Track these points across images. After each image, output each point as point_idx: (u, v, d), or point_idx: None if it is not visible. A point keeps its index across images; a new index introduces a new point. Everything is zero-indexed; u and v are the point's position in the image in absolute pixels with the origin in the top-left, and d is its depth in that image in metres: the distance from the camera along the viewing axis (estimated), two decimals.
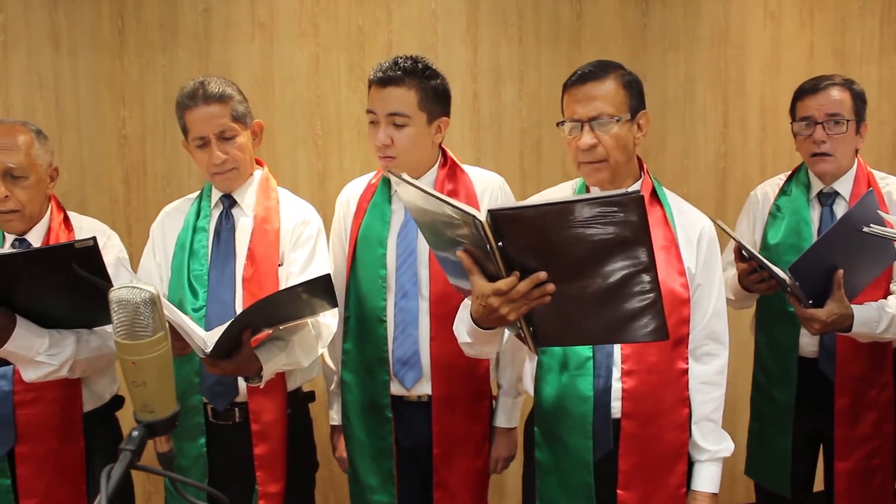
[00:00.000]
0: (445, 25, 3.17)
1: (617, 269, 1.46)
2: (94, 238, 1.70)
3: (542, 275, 1.48)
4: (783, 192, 2.45)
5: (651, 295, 1.49)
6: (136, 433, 1.27)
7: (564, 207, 1.40)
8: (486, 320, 1.59)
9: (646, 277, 1.47)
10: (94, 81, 3.08)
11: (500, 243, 1.46)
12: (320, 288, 1.81)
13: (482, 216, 1.43)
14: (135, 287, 1.21)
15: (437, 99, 2.11)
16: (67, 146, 3.07)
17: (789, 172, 2.49)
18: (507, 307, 1.52)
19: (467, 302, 1.71)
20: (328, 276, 1.79)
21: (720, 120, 3.34)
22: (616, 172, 1.89)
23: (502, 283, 1.50)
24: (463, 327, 1.77)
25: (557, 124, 1.92)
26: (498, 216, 1.43)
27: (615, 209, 1.38)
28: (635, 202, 1.37)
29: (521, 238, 1.46)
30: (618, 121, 1.83)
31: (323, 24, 3.12)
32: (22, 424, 2.01)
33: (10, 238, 2.10)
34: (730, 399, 1.99)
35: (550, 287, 1.49)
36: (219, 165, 2.08)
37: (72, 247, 1.70)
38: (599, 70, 1.85)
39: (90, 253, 1.70)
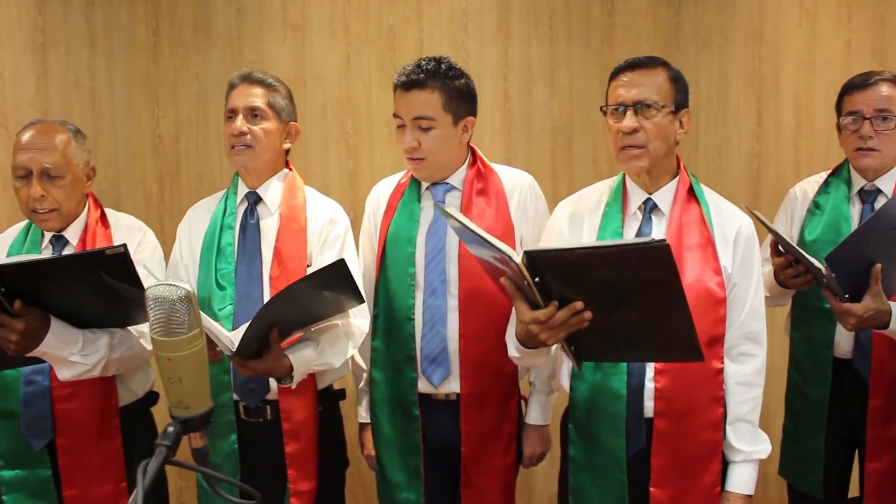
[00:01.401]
0: (476, 24, 3.17)
1: (650, 302, 1.53)
2: (124, 245, 1.72)
3: (579, 304, 1.56)
4: (823, 189, 2.41)
5: (684, 326, 1.56)
6: (171, 429, 1.29)
7: (594, 253, 1.49)
8: (529, 342, 1.68)
9: (677, 312, 1.54)
10: (129, 82, 3.13)
11: (536, 279, 1.55)
12: (337, 276, 1.80)
13: (518, 258, 1.52)
14: (171, 284, 1.23)
15: (462, 99, 2.11)
16: (103, 145, 3.12)
17: (829, 171, 2.45)
18: (546, 334, 1.61)
19: (515, 318, 1.76)
20: (342, 261, 1.77)
21: (754, 119, 3.29)
22: (655, 164, 1.88)
23: (541, 314, 1.59)
24: (511, 342, 1.82)
25: (601, 108, 1.93)
26: (533, 257, 1.52)
27: (643, 257, 1.45)
28: (662, 251, 1.44)
29: (556, 275, 1.55)
30: (662, 107, 1.84)
31: (354, 23, 3.13)
32: (60, 419, 2.05)
33: (48, 235, 2.13)
34: (765, 400, 1.97)
35: (587, 315, 1.57)
36: (236, 137, 2.09)
37: (103, 253, 1.73)
38: (649, 60, 1.89)
39: (121, 259, 1.73)
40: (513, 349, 1.82)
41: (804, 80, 3.27)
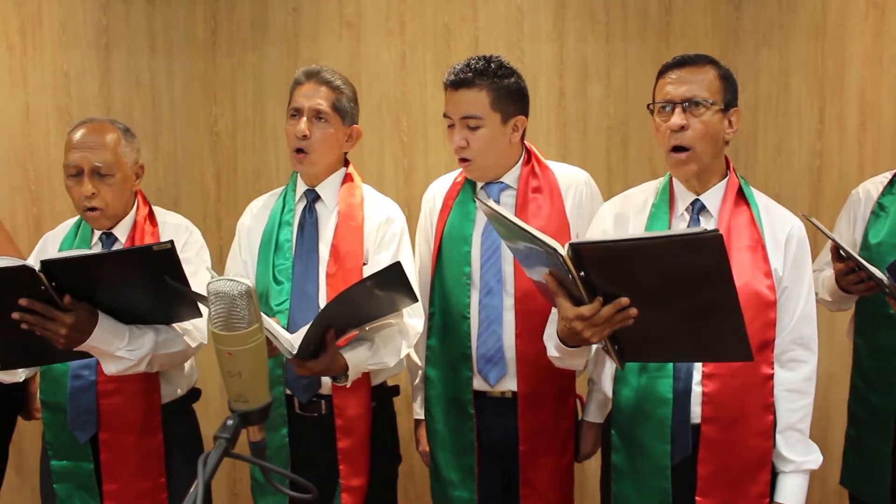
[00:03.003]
0: (531, 22, 3.15)
1: (699, 297, 1.48)
2: (171, 241, 1.75)
3: (625, 300, 1.51)
4: (888, 189, 2.34)
5: (734, 322, 1.50)
6: (230, 422, 1.30)
7: (643, 244, 1.44)
8: (571, 340, 1.63)
9: (728, 307, 1.48)
10: (188, 80, 3.18)
11: (581, 273, 1.50)
12: (393, 278, 1.81)
13: (563, 250, 1.47)
14: (232, 280, 1.24)
15: (510, 98, 2.10)
16: (162, 144, 3.18)
17: (895, 170, 2.38)
18: (591, 331, 1.56)
19: (555, 317, 1.73)
20: (398, 263, 1.78)
21: (816, 116, 3.21)
22: (703, 167, 1.84)
23: (585, 309, 1.54)
24: (551, 342, 1.79)
25: (648, 107, 1.90)
26: (578, 250, 1.47)
27: (694, 248, 1.40)
28: (714, 242, 1.39)
29: (601, 269, 1.50)
30: (712, 104, 1.80)
31: (409, 21, 3.14)
32: (104, 413, 2.08)
33: (97, 232, 2.17)
34: (823, 407, 1.92)
35: (633, 311, 1.52)
36: (299, 140, 2.10)
37: (150, 249, 1.76)
38: (697, 57, 1.86)
39: (168, 255, 1.75)
40: (552, 349, 1.79)
41: (870, 75, 3.17)
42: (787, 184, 3.19)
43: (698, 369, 1.79)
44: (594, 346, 1.80)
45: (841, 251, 2.10)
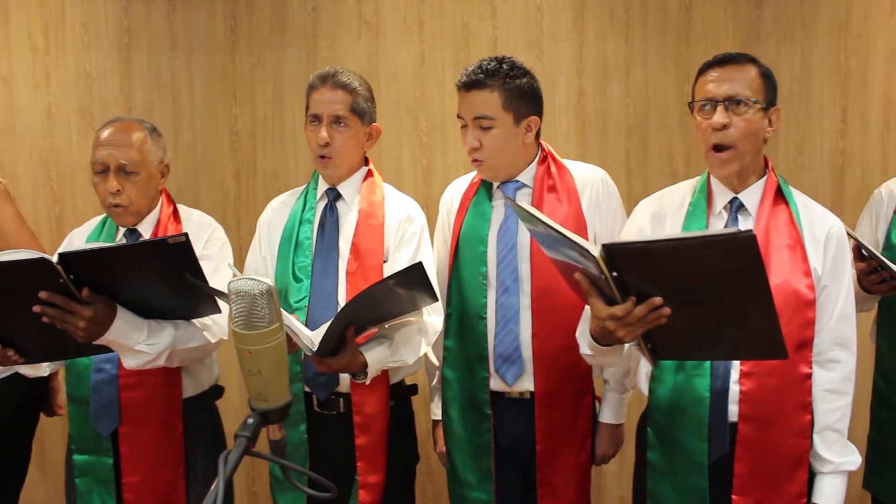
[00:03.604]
0: (550, 21, 3.14)
1: (732, 297, 1.48)
2: (185, 234, 1.76)
3: (658, 300, 1.51)
4: None
5: (768, 321, 1.50)
6: (250, 420, 1.30)
7: (677, 245, 1.44)
8: (604, 339, 1.64)
9: (761, 306, 1.48)
10: (208, 80, 3.20)
11: (614, 273, 1.50)
12: (414, 278, 1.81)
13: (596, 251, 1.47)
14: (253, 279, 1.25)
15: (523, 98, 2.09)
16: (182, 142, 3.21)
17: None
18: (623, 330, 1.56)
19: (587, 314, 1.73)
20: (420, 264, 1.79)
21: (838, 115, 3.18)
22: (744, 166, 1.84)
23: (618, 309, 1.54)
24: (584, 340, 1.79)
25: (689, 104, 1.89)
26: (611, 250, 1.47)
27: (728, 248, 1.40)
28: (748, 243, 1.39)
29: (634, 269, 1.50)
30: (754, 103, 1.80)
31: (428, 21, 3.14)
32: (126, 407, 2.10)
33: (122, 229, 2.19)
34: None
35: (666, 311, 1.52)
36: (322, 147, 2.12)
37: (165, 242, 1.77)
38: (739, 56, 1.86)
39: (183, 248, 1.76)
40: (585, 347, 1.79)
41: (895, 73, 3.14)
42: (808, 183, 3.16)
43: (736, 368, 1.79)
44: (627, 345, 1.81)
45: (863, 251, 2.08)
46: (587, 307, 1.75)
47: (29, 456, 2.57)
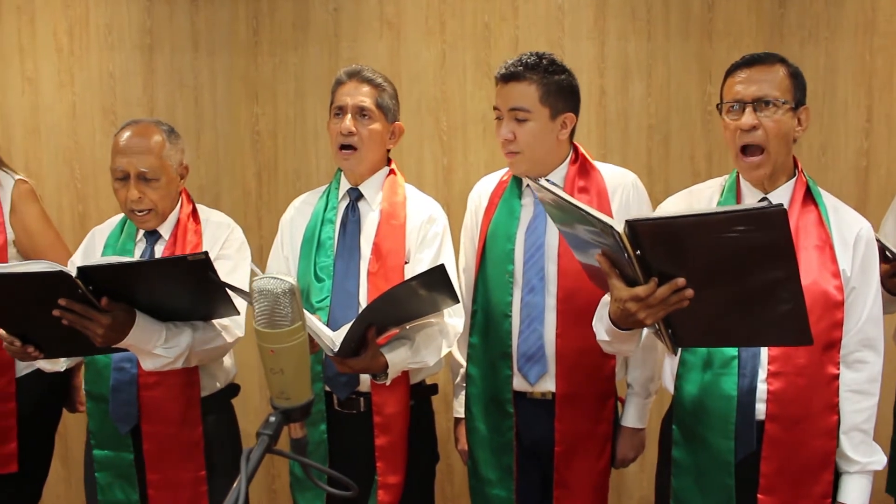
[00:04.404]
0: (572, 20, 3.13)
1: (758, 276, 1.43)
2: (205, 252, 1.78)
3: (681, 281, 1.47)
4: None
5: (794, 302, 1.45)
6: (272, 419, 1.31)
7: (704, 220, 1.39)
8: (624, 322, 1.60)
9: (789, 286, 1.43)
10: (230, 80, 3.22)
11: (637, 252, 1.46)
12: (437, 279, 1.82)
13: (619, 227, 1.43)
14: (275, 278, 1.25)
15: (560, 94, 2.09)
16: (204, 142, 3.23)
17: None
18: (645, 312, 1.53)
19: (606, 300, 1.71)
20: (442, 266, 1.80)
21: (863, 115, 3.14)
22: (775, 168, 1.83)
23: (640, 290, 1.51)
24: (601, 325, 1.77)
25: (717, 106, 1.88)
26: (636, 227, 1.43)
27: (757, 223, 1.36)
28: (778, 216, 1.35)
29: (659, 247, 1.46)
30: (784, 104, 1.78)
31: (449, 21, 3.14)
32: (145, 405, 2.12)
33: (142, 230, 2.21)
34: None
35: (689, 293, 1.48)
36: (345, 136, 2.12)
37: (185, 259, 1.80)
38: (767, 56, 1.84)
39: (202, 265, 1.78)
40: (602, 332, 1.77)
41: None
42: (832, 183, 3.13)
43: (763, 367, 1.78)
44: (644, 331, 1.79)
45: (887, 252, 2.06)
46: (605, 297, 1.74)
47: (52, 451, 2.60)
